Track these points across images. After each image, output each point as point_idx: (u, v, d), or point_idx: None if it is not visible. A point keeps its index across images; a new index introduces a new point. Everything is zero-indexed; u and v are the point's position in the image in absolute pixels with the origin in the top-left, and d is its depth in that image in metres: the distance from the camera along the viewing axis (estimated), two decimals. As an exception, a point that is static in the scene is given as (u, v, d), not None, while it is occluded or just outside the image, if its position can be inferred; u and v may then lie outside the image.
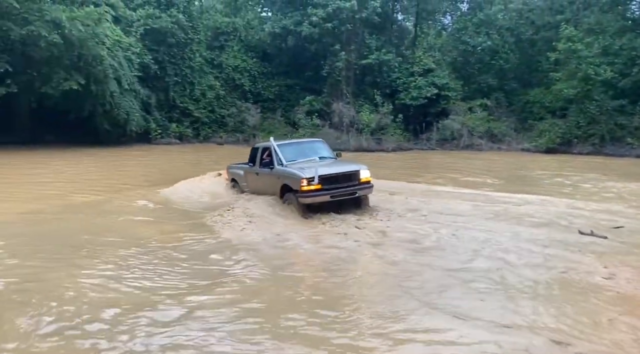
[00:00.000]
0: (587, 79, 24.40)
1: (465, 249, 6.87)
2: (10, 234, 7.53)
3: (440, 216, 9.02)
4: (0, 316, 4.40)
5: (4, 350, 3.77)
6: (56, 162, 17.88)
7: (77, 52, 21.32)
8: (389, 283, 5.64)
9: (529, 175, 16.94)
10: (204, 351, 3.87)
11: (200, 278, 5.68)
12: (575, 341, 3.99)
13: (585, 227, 8.01)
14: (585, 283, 5.45)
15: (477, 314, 4.54)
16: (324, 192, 8.91)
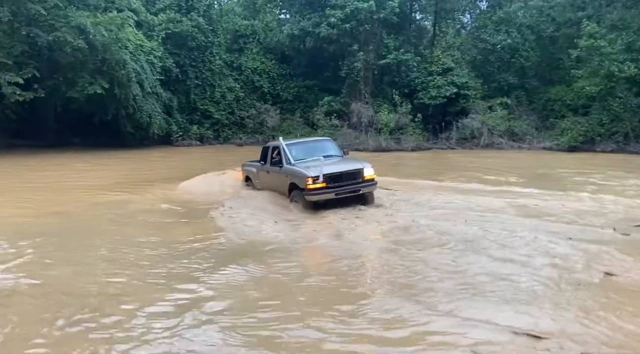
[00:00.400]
0: (610, 75, 23.98)
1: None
2: (40, 232, 7.79)
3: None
4: (25, 310, 4.62)
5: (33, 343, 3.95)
6: (82, 165, 18.39)
7: (101, 57, 21.85)
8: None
9: (556, 173, 16.65)
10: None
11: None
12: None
13: (606, 224, 7.98)
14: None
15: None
16: (329, 190, 9.31)
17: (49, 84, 21.90)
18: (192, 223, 9.03)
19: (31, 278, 5.56)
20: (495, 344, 3.91)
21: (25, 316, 4.49)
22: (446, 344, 4.02)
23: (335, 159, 10.55)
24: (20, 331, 4.16)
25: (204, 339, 4.07)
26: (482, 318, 4.41)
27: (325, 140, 12.33)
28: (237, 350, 3.89)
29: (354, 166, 9.95)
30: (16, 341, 3.99)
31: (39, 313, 4.51)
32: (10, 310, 4.63)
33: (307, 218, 9.11)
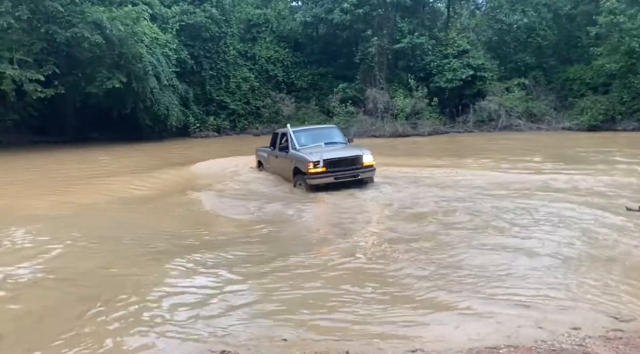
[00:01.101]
0: (630, 52, 23.53)
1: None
2: (69, 226, 7.97)
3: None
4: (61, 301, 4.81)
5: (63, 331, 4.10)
6: (103, 157, 18.70)
7: (118, 51, 22.04)
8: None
9: (577, 153, 16.50)
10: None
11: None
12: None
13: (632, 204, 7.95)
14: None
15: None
16: (329, 175, 9.93)
17: (68, 80, 22.21)
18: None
19: (61, 268, 5.73)
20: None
21: (57, 305, 4.65)
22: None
23: (338, 146, 11.10)
24: (49, 320, 4.31)
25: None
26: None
27: (330, 127, 13.00)
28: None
29: (354, 152, 10.53)
30: (45, 329, 4.14)
31: (75, 302, 4.66)
32: (46, 299, 4.81)
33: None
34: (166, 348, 3.67)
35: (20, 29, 19.93)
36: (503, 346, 3.49)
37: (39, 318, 4.31)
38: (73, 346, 3.72)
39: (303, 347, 3.58)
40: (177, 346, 3.69)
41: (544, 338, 3.61)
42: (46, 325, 4.18)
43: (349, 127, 28.03)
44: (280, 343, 3.67)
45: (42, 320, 4.28)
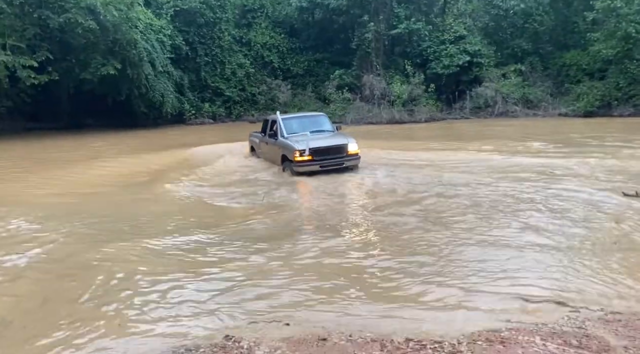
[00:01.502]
0: (627, 37, 23.49)
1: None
2: (66, 213, 7.95)
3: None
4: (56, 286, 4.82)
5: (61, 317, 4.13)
6: (99, 144, 18.64)
7: (112, 37, 21.81)
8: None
9: (573, 138, 16.56)
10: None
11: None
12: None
13: (629, 189, 8.01)
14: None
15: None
16: (315, 163, 10.27)
17: (62, 66, 21.97)
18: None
19: (54, 253, 5.73)
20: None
21: (54, 291, 4.67)
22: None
23: (326, 134, 11.40)
24: (48, 306, 4.32)
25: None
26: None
27: (319, 115, 13.18)
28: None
29: (340, 141, 10.84)
30: (44, 315, 4.15)
31: (74, 288, 4.67)
32: (44, 285, 4.82)
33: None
34: (167, 333, 3.69)
35: (12, 14, 19.68)
36: (504, 329, 3.53)
37: (40, 303, 4.32)
38: (75, 329, 3.74)
39: (305, 331, 3.60)
40: (180, 331, 3.71)
41: (545, 321, 3.66)
42: (47, 310, 4.19)
43: (346, 114, 27.99)
44: (283, 327, 3.70)
45: (44, 305, 4.29)
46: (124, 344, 3.54)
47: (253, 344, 3.38)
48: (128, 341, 3.57)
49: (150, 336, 3.64)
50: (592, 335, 3.38)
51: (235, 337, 3.51)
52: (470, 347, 3.23)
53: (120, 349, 3.47)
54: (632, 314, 3.77)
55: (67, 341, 3.61)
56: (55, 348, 3.53)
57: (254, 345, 3.36)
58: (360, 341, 3.41)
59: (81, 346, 3.53)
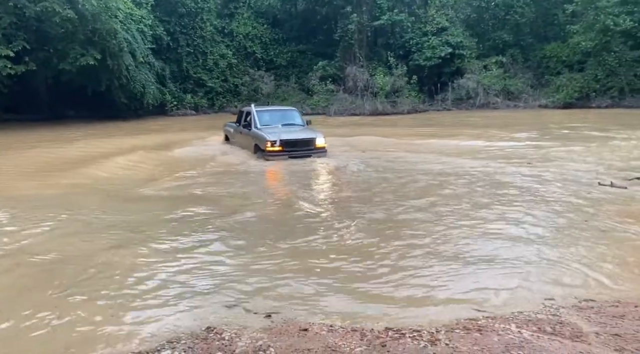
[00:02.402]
0: (605, 30, 23.88)
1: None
2: (47, 206, 7.87)
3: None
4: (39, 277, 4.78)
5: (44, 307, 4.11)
6: (75, 135, 18.36)
7: (91, 27, 21.38)
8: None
9: (552, 129, 16.97)
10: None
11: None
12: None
13: (605, 179, 8.19)
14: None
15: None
16: (284, 153, 11.23)
17: (39, 56, 21.51)
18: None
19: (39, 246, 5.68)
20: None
21: (37, 282, 4.63)
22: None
23: (296, 128, 12.40)
24: (31, 296, 4.29)
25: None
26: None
27: (291, 110, 14.18)
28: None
29: (308, 135, 11.92)
30: (28, 305, 4.11)
31: (47, 280, 4.64)
32: (26, 278, 4.77)
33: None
34: (147, 326, 3.68)
35: (-14, 2, 19.18)
36: (482, 317, 3.61)
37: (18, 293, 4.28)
38: (58, 318, 3.73)
39: (286, 322, 3.64)
40: (159, 324, 3.71)
41: (520, 309, 3.75)
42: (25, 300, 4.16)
43: (329, 106, 28.00)
44: (264, 318, 3.73)
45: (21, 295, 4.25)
46: (105, 336, 3.52)
47: (234, 335, 3.40)
48: (108, 333, 3.56)
49: (130, 328, 3.64)
50: (565, 322, 3.47)
51: (216, 328, 3.52)
52: (448, 335, 3.29)
53: (99, 341, 3.46)
54: (604, 301, 3.89)
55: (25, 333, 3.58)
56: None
57: (236, 336, 3.38)
58: (341, 331, 3.45)
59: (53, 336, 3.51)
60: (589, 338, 3.19)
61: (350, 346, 3.16)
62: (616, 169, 9.29)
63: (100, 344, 3.39)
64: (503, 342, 3.10)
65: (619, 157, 10.55)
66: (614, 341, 3.12)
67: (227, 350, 3.16)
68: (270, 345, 3.20)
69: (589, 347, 3.03)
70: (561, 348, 3.01)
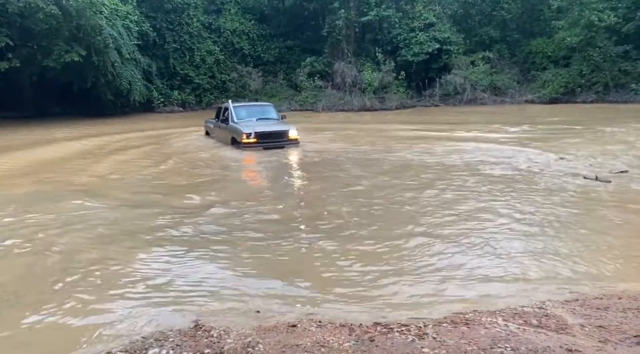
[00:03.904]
0: (590, 25, 24.13)
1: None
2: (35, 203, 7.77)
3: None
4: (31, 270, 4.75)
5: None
6: (59, 133, 18.15)
7: (76, 23, 21.11)
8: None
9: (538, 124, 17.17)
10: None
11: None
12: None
13: (590, 173, 8.30)
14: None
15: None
16: (259, 145, 12.10)
17: (23, 53, 21.17)
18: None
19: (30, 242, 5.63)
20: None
21: (30, 274, 4.60)
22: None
23: (271, 122, 13.25)
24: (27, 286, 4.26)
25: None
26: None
27: (267, 105, 15.27)
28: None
29: (282, 127, 12.83)
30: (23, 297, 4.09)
31: (35, 273, 4.61)
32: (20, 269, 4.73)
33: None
34: (135, 322, 3.66)
35: (-33, -2, 18.85)
36: (469, 311, 3.64)
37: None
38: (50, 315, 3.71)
39: (275, 318, 3.65)
40: (148, 320, 3.69)
41: (507, 303, 3.79)
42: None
43: (317, 102, 27.98)
44: (253, 315, 3.73)
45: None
46: (91, 331, 3.50)
47: (223, 332, 3.40)
48: (94, 328, 3.54)
49: (117, 326, 3.62)
50: (551, 314, 3.52)
51: (204, 326, 3.52)
52: (435, 329, 3.32)
53: (87, 335, 3.44)
54: (589, 294, 3.95)
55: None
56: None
57: (224, 333, 3.38)
58: (329, 327, 3.46)
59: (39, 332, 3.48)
60: (573, 330, 3.24)
61: (339, 341, 3.18)
62: (602, 163, 9.40)
63: (85, 342, 3.37)
64: (490, 335, 3.14)
65: (606, 151, 10.67)
66: (598, 333, 3.17)
67: (215, 347, 3.16)
68: (259, 341, 3.20)
69: (574, 339, 3.08)
70: (546, 340, 3.05)
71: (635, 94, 23.39)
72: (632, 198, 6.89)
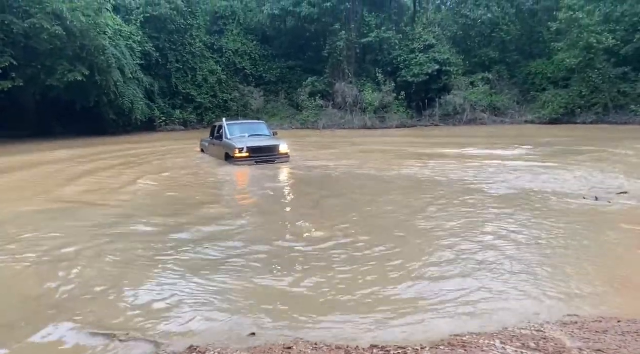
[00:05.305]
0: (589, 47, 24.39)
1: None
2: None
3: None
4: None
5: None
6: (61, 153, 18.20)
7: (80, 43, 21.43)
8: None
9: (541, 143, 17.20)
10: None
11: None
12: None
13: (589, 193, 8.28)
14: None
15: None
16: (251, 159, 12.71)
17: (27, 72, 21.44)
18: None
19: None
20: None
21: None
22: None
23: (262, 138, 13.84)
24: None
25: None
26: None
27: (259, 123, 16.05)
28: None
29: (273, 142, 13.46)
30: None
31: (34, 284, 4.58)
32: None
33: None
34: (130, 345, 3.62)
35: (-26, 19, 19.15)
36: (466, 333, 3.60)
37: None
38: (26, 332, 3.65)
39: (271, 340, 3.60)
40: (140, 343, 3.65)
41: (505, 325, 3.75)
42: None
43: (318, 121, 28.16)
44: (248, 336, 3.69)
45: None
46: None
47: (217, 354, 3.36)
48: (86, 350, 3.50)
49: (110, 347, 3.57)
50: (549, 337, 3.47)
51: (199, 347, 3.47)
52: (433, 352, 3.28)
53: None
54: (588, 317, 3.90)
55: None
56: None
57: (219, 355, 3.34)
58: (325, 349, 3.42)
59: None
60: (571, 354, 3.19)
61: (334, 364, 3.13)
62: (602, 184, 9.39)
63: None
64: (487, 358, 3.10)
65: (606, 171, 10.67)
66: (596, 357, 3.13)
67: (209, 370, 3.12)
68: (253, 364, 3.16)
69: (572, 363, 3.03)
70: (544, 364, 3.01)
71: (635, 115, 23.50)
72: (632, 219, 6.86)
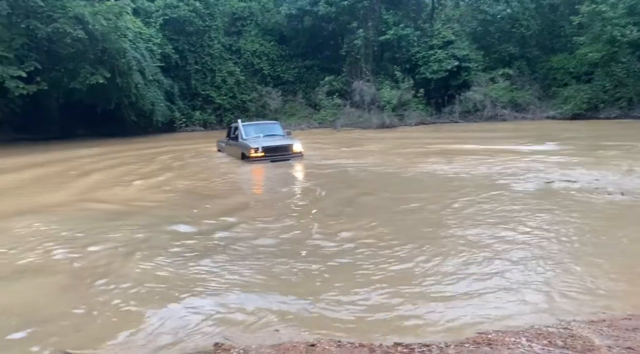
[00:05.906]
0: (612, 41, 23.85)
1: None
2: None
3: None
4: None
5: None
6: (81, 154, 18.49)
7: (101, 46, 21.81)
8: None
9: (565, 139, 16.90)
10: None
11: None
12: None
13: (613, 189, 8.13)
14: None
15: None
16: (266, 158, 13.11)
17: (50, 76, 21.93)
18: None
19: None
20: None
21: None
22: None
23: (277, 137, 14.24)
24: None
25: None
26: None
27: (273, 123, 16.67)
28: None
29: (286, 142, 13.89)
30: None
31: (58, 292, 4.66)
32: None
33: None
34: (152, 342, 3.66)
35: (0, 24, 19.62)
36: (492, 330, 3.56)
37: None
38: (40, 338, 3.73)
39: (294, 337, 3.62)
40: (166, 340, 3.69)
41: (532, 322, 3.70)
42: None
43: (336, 120, 28.14)
44: (272, 333, 3.71)
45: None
46: (106, 350, 3.52)
47: (242, 351, 3.38)
48: (111, 347, 3.56)
49: (137, 343, 3.63)
50: (577, 335, 3.41)
51: (224, 345, 3.50)
52: (457, 349, 3.25)
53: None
54: (617, 314, 3.83)
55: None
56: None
57: (243, 352, 3.37)
58: (349, 346, 3.42)
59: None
60: (600, 351, 3.13)
61: (358, 361, 3.13)
62: (630, 179, 9.19)
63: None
64: (513, 356, 3.06)
65: (634, 167, 10.42)
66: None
67: (234, 366, 3.14)
68: (277, 361, 3.18)
69: (601, 361, 2.98)
70: (572, 362, 2.96)
71: (661, 109, 22.96)
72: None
